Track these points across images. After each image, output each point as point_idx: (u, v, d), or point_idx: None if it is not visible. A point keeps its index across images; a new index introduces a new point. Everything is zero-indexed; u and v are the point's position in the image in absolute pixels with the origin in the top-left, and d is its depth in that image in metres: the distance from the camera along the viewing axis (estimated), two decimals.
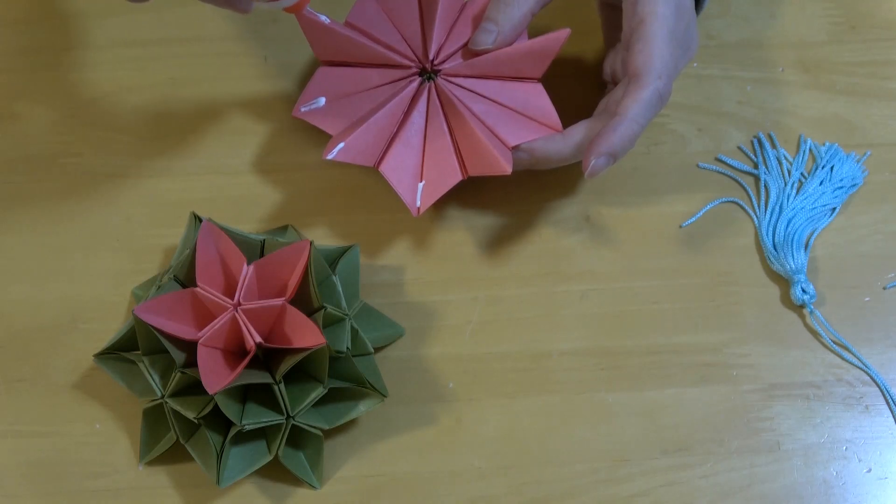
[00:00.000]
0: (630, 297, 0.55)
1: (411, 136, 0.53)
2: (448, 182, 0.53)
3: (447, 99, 0.54)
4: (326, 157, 0.52)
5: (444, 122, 0.54)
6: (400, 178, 0.53)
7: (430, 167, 0.53)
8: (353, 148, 0.52)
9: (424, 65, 0.55)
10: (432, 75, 0.54)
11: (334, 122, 0.54)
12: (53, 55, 0.61)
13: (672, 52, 0.51)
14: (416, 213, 0.53)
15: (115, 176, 0.58)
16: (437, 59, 0.55)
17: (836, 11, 0.62)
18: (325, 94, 0.54)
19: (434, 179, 0.53)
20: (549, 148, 0.53)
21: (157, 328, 0.47)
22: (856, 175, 0.57)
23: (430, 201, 0.53)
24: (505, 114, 0.54)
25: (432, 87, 0.54)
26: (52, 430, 0.52)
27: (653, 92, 0.50)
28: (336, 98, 0.54)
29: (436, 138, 0.53)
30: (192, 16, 0.62)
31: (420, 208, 0.53)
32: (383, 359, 0.53)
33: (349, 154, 0.52)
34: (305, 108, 0.54)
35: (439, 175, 0.53)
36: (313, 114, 0.54)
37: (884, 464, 0.51)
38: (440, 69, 0.54)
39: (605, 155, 0.50)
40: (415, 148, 0.53)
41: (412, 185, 0.53)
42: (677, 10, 0.51)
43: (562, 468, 0.51)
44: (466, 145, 0.53)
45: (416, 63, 0.55)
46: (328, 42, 0.54)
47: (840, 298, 0.55)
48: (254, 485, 0.51)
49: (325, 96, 0.54)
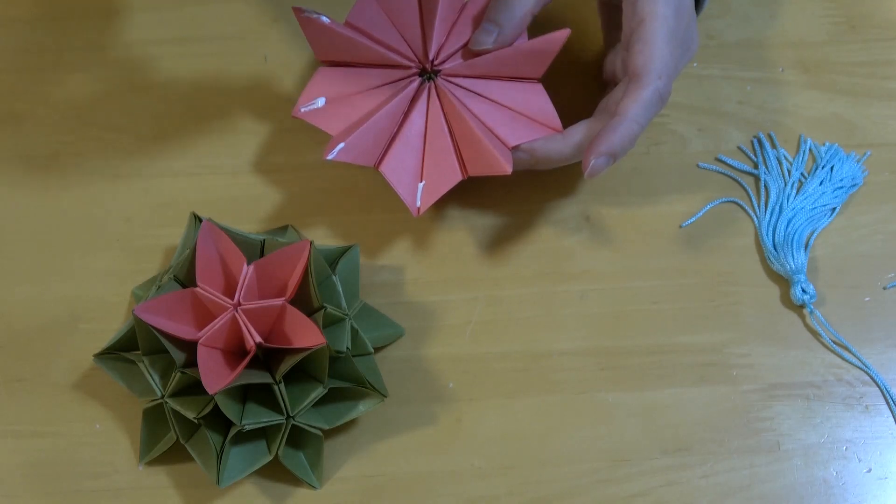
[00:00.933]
0: (630, 297, 0.55)
1: (411, 137, 0.53)
2: (448, 182, 0.53)
3: (447, 99, 0.54)
4: (327, 157, 0.52)
5: (444, 122, 0.54)
6: (400, 179, 0.53)
7: (430, 167, 0.53)
8: (353, 148, 0.52)
9: (424, 65, 0.55)
10: (432, 75, 0.54)
11: (334, 123, 0.54)
12: (53, 55, 0.61)
13: (672, 52, 0.51)
14: (416, 214, 0.53)
15: (115, 176, 0.58)
16: (437, 59, 0.54)
17: (836, 11, 0.62)
18: (325, 94, 0.54)
19: (434, 179, 0.53)
20: (549, 148, 0.53)
21: (157, 328, 0.47)
22: (856, 175, 0.57)
23: (431, 201, 0.53)
24: (505, 114, 0.54)
25: (432, 87, 0.54)
26: (52, 430, 0.52)
27: (653, 92, 0.50)
28: (336, 98, 0.54)
29: (436, 138, 0.53)
30: (192, 16, 0.62)
31: (420, 208, 0.53)
32: (383, 359, 0.53)
33: (349, 154, 0.52)
34: (305, 109, 0.54)
35: (439, 175, 0.53)
36: (313, 114, 0.54)
37: (884, 464, 0.51)
38: (440, 69, 0.54)
39: (604, 155, 0.50)
40: (415, 148, 0.53)
41: (412, 185, 0.53)
42: (677, 10, 0.51)
43: (562, 468, 0.51)
44: (466, 145, 0.53)
45: (416, 63, 0.55)
46: (328, 42, 0.54)
47: (840, 298, 0.55)
48: (254, 485, 0.51)
49: (324, 96, 0.54)
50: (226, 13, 0.62)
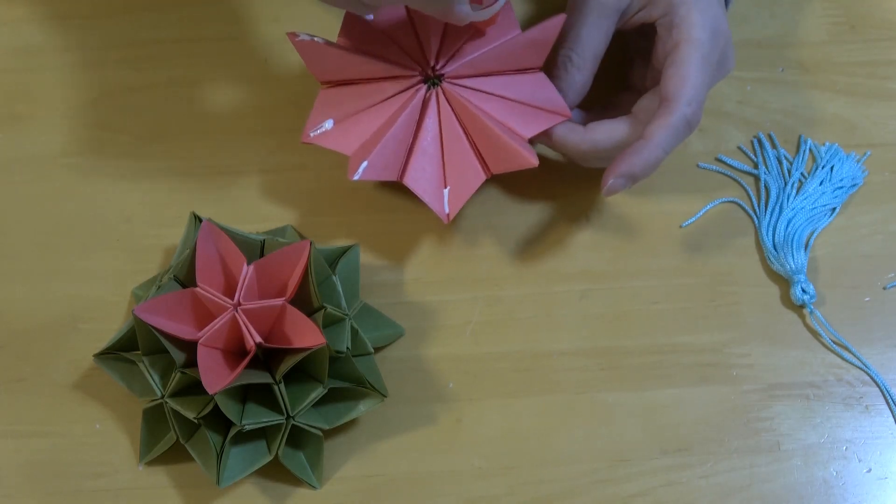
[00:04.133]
0: (630, 297, 0.55)
1: (428, 145, 0.53)
2: (473, 184, 0.52)
3: (457, 101, 0.53)
4: (353, 177, 0.51)
5: (458, 125, 0.53)
6: (425, 188, 0.52)
7: (452, 172, 0.53)
8: (376, 164, 0.52)
9: (426, 71, 0.54)
10: (436, 80, 0.54)
11: (346, 142, 0.53)
12: (53, 55, 0.61)
13: (704, 79, 0.50)
14: (446, 220, 0.52)
15: (115, 176, 0.58)
16: (437, 63, 0.54)
17: (836, 11, 0.62)
18: (332, 115, 0.53)
19: (458, 183, 0.52)
20: (567, 136, 0.53)
21: (157, 328, 0.47)
22: (856, 175, 0.57)
23: (459, 205, 0.52)
24: (515, 108, 0.53)
25: (439, 92, 0.53)
26: (52, 430, 0.52)
27: (680, 118, 0.50)
28: (343, 118, 0.54)
29: (453, 142, 0.53)
30: (192, 16, 0.62)
31: (449, 214, 0.52)
32: (383, 359, 0.53)
33: (374, 171, 0.52)
34: (314, 133, 0.53)
35: (463, 178, 0.52)
36: (323, 137, 0.53)
37: (884, 464, 0.51)
38: (443, 73, 0.54)
39: (623, 177, 0.50)
40: (434, 155, 0.53)
41: (438, 192, 0.52)
42: (713, 33, 0.51)
43: (562, 468, 0.51)
44: (485, 144, 0.52)
45: (419, 70, 0.54)
46: (326, 63, 0.53)
47: (840, 298, 0.55)
48: (254, 485, 0.51)
49: (331, 118, 0.53)
50: (226, 13, 0.62)
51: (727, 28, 0.52)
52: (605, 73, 0.55)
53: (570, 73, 0.53)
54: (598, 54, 0.53)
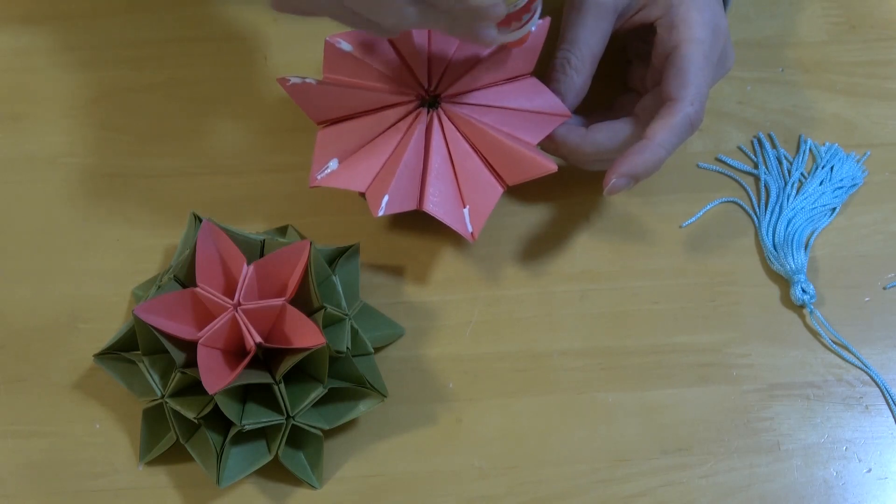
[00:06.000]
0: (630, 297, 0.55)
1: (440, 167, 0.52)
2: (491, 199, 0.52)
3: (460, 119, 0.52)
4: (377, 215, 0.50)
5: (466, 143, 0.53)
6: (446, 212, 0.52)
7: (468, 190, 0.52)
8: (396, 197, 0.51)
9: (421, 94, 0.53)
10: (434, 101, 0.53)
11: (356, 179, 0.52)
12: (53, 55, 0.61)
13: (705, 77, 0.50)
14: (471, 240, 0.52)
15: (115, 176, 0.58)
16: (430, 84, 0.53)
17: (836, 11, 0.62)
18: (335, 154, 0.53)
19: (476, 201, 0.52)
20: (568, 136, 0.53)
21: (157, 328, 0.47)
22: (856, 175, 0.57)
23: (481, 223, 0.52)
24: (516, 116, 0.53)
25: (440, 112, 0.53)
26: (52, 430, 0.52)
27: (683, 118, 0.50)
28: (347, 155, 0.53)
29: (463, 161, 0.52)
30: (192, 16, 0.62)
31: (474, 233, 0.52)
32: (383, 359, 0.53)
33: (395, 205, 0.51)
34: (322, 175, 0.53)
35: (480, 195, 0.52)
36: (331, 178, 0.53)
37: (884, 464, 0.51)
38: (439, 93, 0.53)
39: (626, 176, 0.50)
40: (447, 177, 0.52)
41: (458, 213, 0.52)
42: (714, 32, 0.51)
43: (562, 468, 0.51)
44: (498, 157, 0.52)
45: (414, 94, 0.53)
46: (321, 102, 0.52)
47: (840, 298, 0.55)
48: (254, 485, 0.51)
49: (336, 157, 0.53)
50: (226, 13, 0.62)
51: (726, 26, 0.52)
52: (604, 75, 0.55)
53: (569, 75, 0.53)
54: (596, 56, 0.53)
